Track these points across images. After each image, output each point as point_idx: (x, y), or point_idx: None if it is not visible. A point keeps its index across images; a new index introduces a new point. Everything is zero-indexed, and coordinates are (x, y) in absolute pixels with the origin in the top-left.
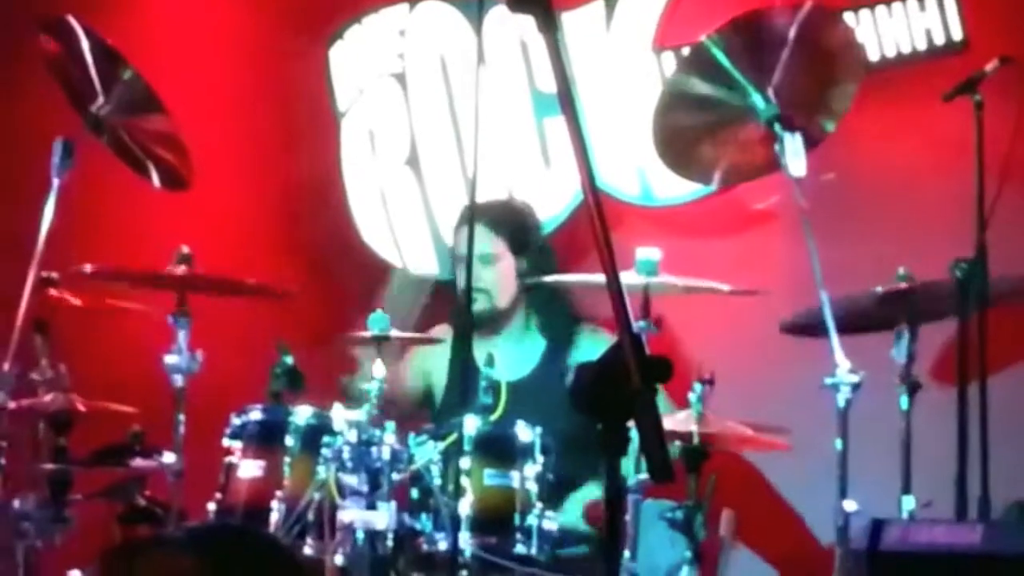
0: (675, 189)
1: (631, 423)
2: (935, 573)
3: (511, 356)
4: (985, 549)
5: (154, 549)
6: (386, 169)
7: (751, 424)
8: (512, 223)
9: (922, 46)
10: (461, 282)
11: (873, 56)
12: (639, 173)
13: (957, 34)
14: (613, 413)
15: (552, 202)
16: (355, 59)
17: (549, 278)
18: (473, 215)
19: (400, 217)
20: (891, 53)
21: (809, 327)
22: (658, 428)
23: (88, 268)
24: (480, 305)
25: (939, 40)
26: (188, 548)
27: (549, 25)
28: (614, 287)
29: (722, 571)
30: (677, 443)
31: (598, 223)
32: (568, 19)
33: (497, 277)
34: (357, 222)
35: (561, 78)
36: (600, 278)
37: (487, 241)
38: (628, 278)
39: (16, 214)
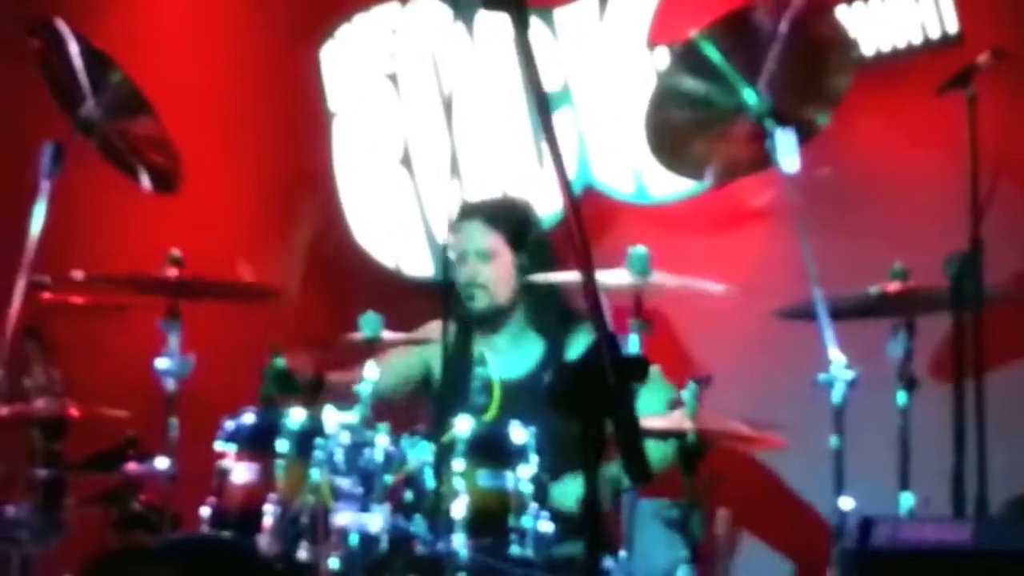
0: (670, 187)
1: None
2: (925, 571)
3: (510, 355)
4: (975, 546)
5: (132, 561)
6: (379, 169)
7: (747, 421)
8: (510, 219)
9: (917, 40)
10: (460, 278)
11: (868, 50)
12: (634, 171)
13: (952, 27)
14: (590, 413)
15: (547, 200)
16: (346, 58)
17: (546, 276)
18: (463, 213)
19: (394, 217)
20: (886, 47)
21: (805, 313)
22: (634, 428)
23: (79, 275)
24: (480, 302)
25: (934, 34)
26: (166, 559)
27: (523, 24)
28: (590, 288)
29: (719, 570)
30: (673, 441)
31: (574, 223)
32: (561, 15)
33: (496, 273)
34: (350, 223)
35: (534, 78)
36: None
37: (485, 237)
38: (619, 276)
39: (6, 218)
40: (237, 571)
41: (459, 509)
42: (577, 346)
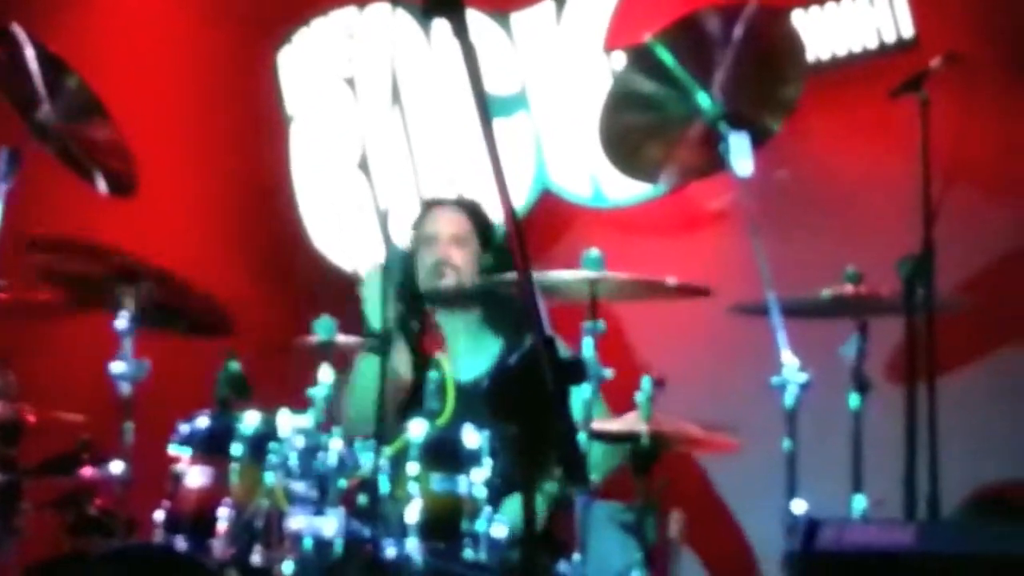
0: (626, 190)
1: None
2: (869, 573)
3: (466, 357)
4: (920, 549)
5: (74, 568)
6: (337, 173)
7: (701, 424)
8: (480, 213)
9: (873, 44)
10: (429, 260)
11: (824, 54)
12: (591, 174)
13: (908, 32)
14: (527, 416)
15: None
16: (304, 63)
17: (506, 277)
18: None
19: (351, 221)
20: (842, 51)
21: (758, 310)
22: (571, 431)
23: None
24: (449, 280)
25: (889, 38)
26: (107, 567)
27: (463, 30)
28: (528, 291)
29: (673, 573)
30: (627, 444)
31: (511, 226)
32: (517, 19)
33: (465, 259)
34: (307, 227)
35: (476, 84)
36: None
37: (458, 222)
38: (575, 276)
39: None
40: None
41: (413, 513)
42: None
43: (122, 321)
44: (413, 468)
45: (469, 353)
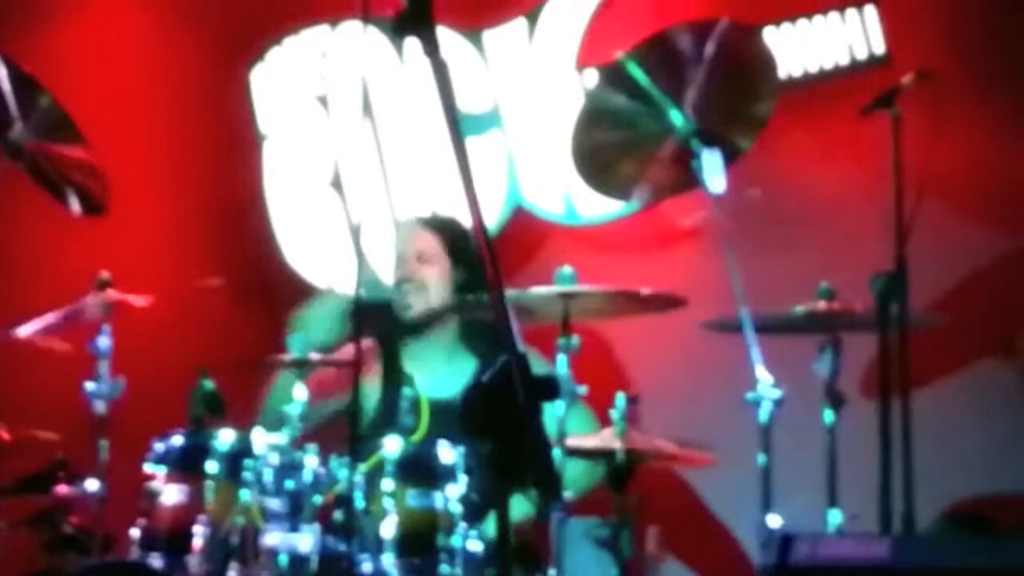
0: (599, 208)
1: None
2: None
3: (441, 374)
4: (894, 563)
5: None
6: (310, 191)
7: (676, 440)
8: (450, 230)
9: (845, 61)
10: (395, 279)
11: (796, 71)
12: (564, 192)
13: (879, 48)
14: (501, 432)
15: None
16: (276, 81)
17: (480, 295)
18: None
19: (324, 239)
20: (813, 68)
21: (731, 327)
22: (544, 446)
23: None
24: (414, 305)
25: (861, 55)
26: None
27: (434, 48)
28: (499, 307)
29: None
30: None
31: (483, 243)
32: (490, 37)
33: (431, 276)
34: (281, 244)
35: (448, 102)
36: (519, 295)
37: (423, 239)
38: (548, 292)
39: None
40: None
41: (389, 529)
42: None
43: (103, 339)
44: (388, 484)
45: (444, 370)
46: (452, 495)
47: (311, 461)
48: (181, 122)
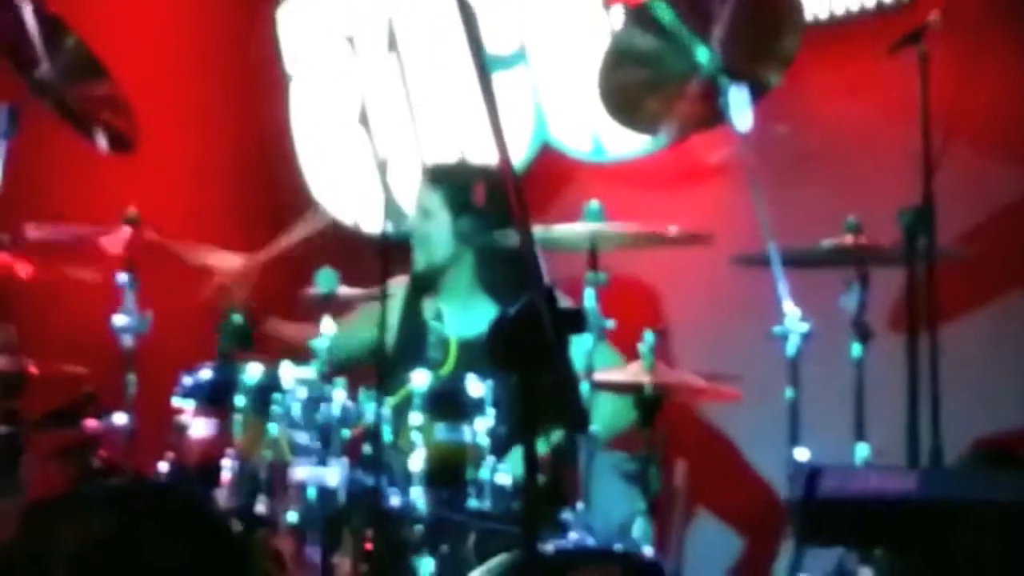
0: (626, 144)
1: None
2: (870, 519)
3: (460, 316)
4: (921, 495)
5: (75, 510)
6: (337, 129)
7: (704, 374)
8: (450, 183)
9: (870, 3)
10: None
11: (822, 13)
12: (591, 129)
13: None
14: (528, 366)
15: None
16: (303, 20)
17: (491, 239)
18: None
19: (352, 176)
20: (839, 10)
21: (760, 260)
22: (571, 379)
23: (32, 231)
24: (418, 261)
25: None
26: (107, 508)
27: None
28: (525, 242)
29: (677, 522)
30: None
31: (510, 182)
32: None
33: (432, 231)
34: (309, 182)
35: (474, 42)
36: (547, 231)
37: (424, 195)
38: (576, 229)
39: None
40: (176, 519)
41: (417, 462)
42: None
43: (123, 275)
44: (417, 418)
45: (462, 312)
46: (480, 428)
47: (339, 395)
48: (209, 61)
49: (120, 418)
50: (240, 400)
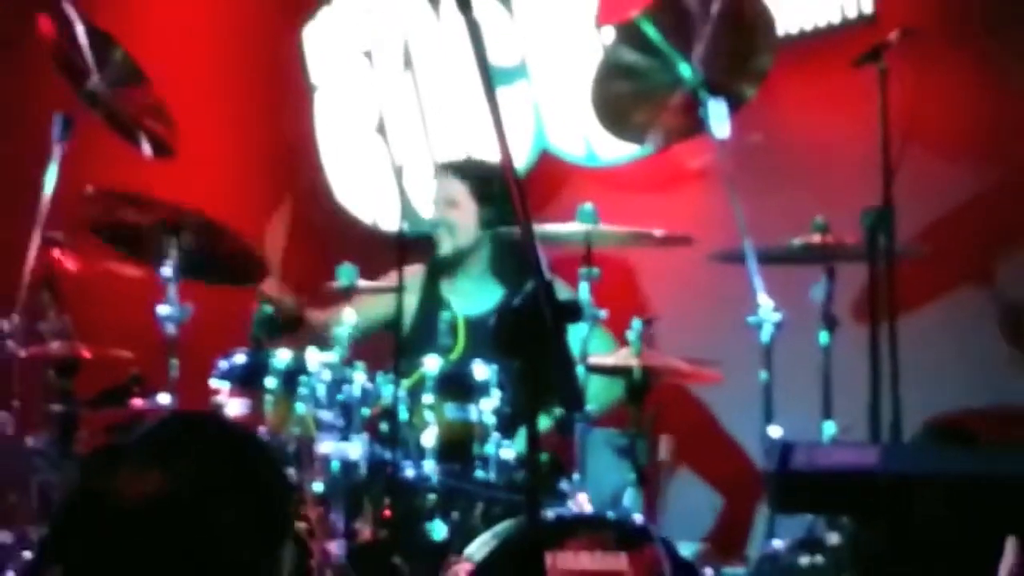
0: (616, 151)
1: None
2: (837, 489)
3: (470, 293)
4: (882, 468)
5: (136, 459)
6: (357, 136)
7: (687, 359)
8: (476, 175)
9: (836, 19)
10: (432, 221)
11: (792, 29)
12: (584, 136)
13: (867, 8)
14: (529, 351)
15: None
16: (327, 37)
17: (508, 229)
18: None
19: (371, 179)
20: (808, 26)
21: (736, 257)
22: (568, 364)
23: (90, 190)
24: (444, 244)
25: (851, 14)
26: (163, 455)
27: (467, 6)
28: (527, 238)
29: (664, 491)
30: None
31: (512, 182)
32: None
33: (459, 219)
34: (332, 185)
35: (480, 55)
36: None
37: (452, 187)
38: (571, 228)
39: (23, 181)
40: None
41: (429, 438)
42: None
43: (167, 269)
44: (429, 398)
45: (474, 293)
46: (486, 408)
47: (359, 377)
48: (243, 74)
49: (164, 398)
50: (271, 382)
